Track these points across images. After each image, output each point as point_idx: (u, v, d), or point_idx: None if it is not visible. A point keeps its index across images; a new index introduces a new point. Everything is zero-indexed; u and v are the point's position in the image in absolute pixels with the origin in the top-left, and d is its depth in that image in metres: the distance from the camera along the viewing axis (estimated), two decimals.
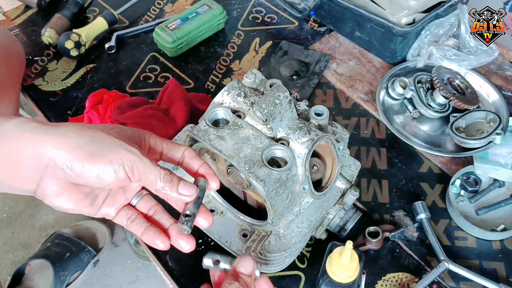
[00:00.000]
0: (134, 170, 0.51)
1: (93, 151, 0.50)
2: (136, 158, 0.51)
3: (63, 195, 0.52)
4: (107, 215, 0.57)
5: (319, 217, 0.74)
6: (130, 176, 0.52)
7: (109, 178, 0.51)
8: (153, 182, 0.53)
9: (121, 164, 0.50)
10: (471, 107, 0.94)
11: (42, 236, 1.67)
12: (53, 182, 0.51)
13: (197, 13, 1.11)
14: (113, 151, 0.51)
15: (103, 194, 0.56)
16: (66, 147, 0.49)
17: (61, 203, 0.53)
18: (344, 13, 1.09)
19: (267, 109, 0.64)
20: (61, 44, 1.05)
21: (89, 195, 0.54)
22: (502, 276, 0.79)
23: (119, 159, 0.50)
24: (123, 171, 0.51)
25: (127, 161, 0.51)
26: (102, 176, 0.50)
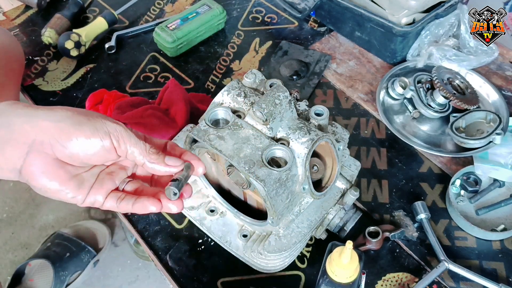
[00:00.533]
0: (120, 141, 0.52)
1: (80, 120, 0.51)
2: (122, 128, 0.53)
3: (49, 172, 0.51)
4: (96, 202, 0.56)
5: (319, 217, 0.74)
6: (116, 146, 0.52)
7: (96, 147, 0.52)
8: (139, 154, 0.54)
9: (107, 132, 0.52)
10: (471, 107, 0.94)
11: (42, 236, 1.68)
12: (39, 157, 0.51)
13: (197, 13, 1.11)
14: (99, 122, 0.52)
15: (90, 179, 0.55)
16: (54, 118, 0.51)
17: (46, 182, 0.52)
18: (344, 13, 1.09)
19: (267, 109, 0.64)
20: (61, 44, 1.05)
21: (75, 177, 0.54)
22: (502, 276, 0.79)
23: (105, 128, 0.52)
24: (109, 140, 0.52)
25: (113, 131, 0.52)
26: (89, 146, 0.51)
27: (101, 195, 0.56)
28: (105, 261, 1.62)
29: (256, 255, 0.72)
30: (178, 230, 0.83)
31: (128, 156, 0.54)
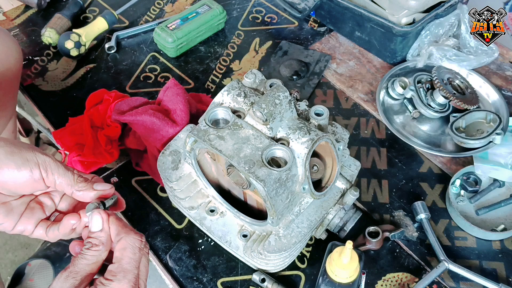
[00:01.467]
0: (48, 171, 0.55)
1: (12, 151, 0.53)
2: (50, 160, 0.55)
3: None
4: (26, 230, 0.58)
5: (319, 217, 0.74)
6: (44, 177, 0.55)
7: (25, 177, 0.54)
8: (67, 184, 0.56)
9: (36, 163, 0.54)
10: (471, 107, 0.94)
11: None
12: None
13: (197, 13, 1.11)
14: (30, 153, 0.54)
15: (20, 208, 0.57)
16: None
17: None
18: (344, 13, 1.09)
19: (267, 109, 0.64)
20: (61, 44, 1.05)
21: (3, 204, 0.56)
22: (502, 276, 0.79)
23: (35, 158, 0.54)
24: (38, 171, 0.54)
25: (42, 162, 0.54)
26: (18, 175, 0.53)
27: (31, 225, 0.58)
28: None
29: (256, 255, 0.72)
30: (178, 230, 0.83)
31: (57, 186, 0.57)
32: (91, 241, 0.54)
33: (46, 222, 0.59)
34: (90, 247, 0.54)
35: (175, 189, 0.78)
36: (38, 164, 0.54)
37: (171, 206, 0.86)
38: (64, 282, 0.50)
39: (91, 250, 0.54)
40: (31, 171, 0.54)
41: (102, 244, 0.55)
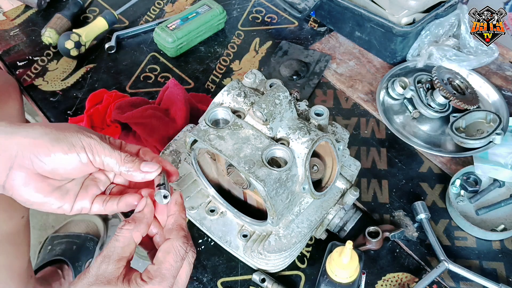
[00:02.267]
0: (95, 154, 0.55)
1: (57, 137, 0.53)
2: (95, 142, 0.55)
3: (31, 185, 0.53)
4: (83, 208, 0.58)
5: (319, 217, 0.74)
6: (92, 160, 0.55)
7: (74, 163, 0.54)
8: (115, 164, 0.56)
9: (82, 147, 0.54)
10: (471, 107, 0.94)
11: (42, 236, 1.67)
12: (21, 171, 0.53)
13: (197, 13, 1.11)
14: (75, 137, 0.54)
15: (75, 188, 0.58)
16: (33, 135, 0.53)
17: (29, 196, 0.54)
18: (344, 13, 1.09)
19: (267, 109, 0.64)
20: (61, 44, 1.05)
21: (58, 189, 0.56)
22: (502, 276, 0.79)
23: (80, 143, 0.54)
24: (85, 154, 0.54)
25: (88, 145, 0.54)
26: (67, 161, 0.53)
27: (87, 201, 0.58)
28: None
29: (256, 255, 0.72)
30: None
31: (105, 167, 0.57)
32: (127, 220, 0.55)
33: (102, 197, 0.59)
34: (123, 226, 0.54)
35: (175, 189, 0.78)
36: (84, 148, 0.54)
37: None
38: (98, 268, 0.50)
39: (123, 229, 0.53)
40: (78, 155, 0.54)
41: (134, 221, 0.54)
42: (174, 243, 0.53)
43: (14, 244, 1.03)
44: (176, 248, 0.53)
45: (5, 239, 0.98)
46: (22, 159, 0.52)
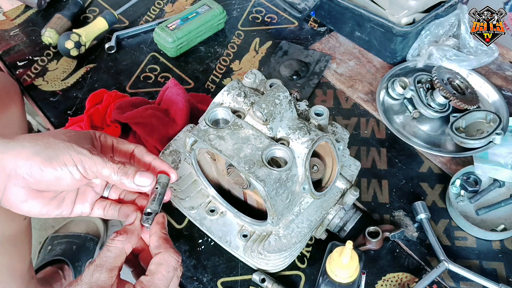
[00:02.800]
0: (87, 169, 0.55)
1: (49, 155, 0.54)
2: (86, 158, 0.55)
3: (28, 201, 0.55)
4: (83, 212, 0.60)
5: (319, 217, 0.74)
6: (85, 175, 0.56)
7: (67, 179, 0.55)
8: (108, 176, 0.57)
9: (74, 164, 0.54)
10: (471, 107, 0.94)
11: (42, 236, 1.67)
12: (16, 190, 0.54)
13: (197, 13, 1.11)
14: (66, 154, 0.55)
15: (71, 195, 0.59)
16: (25, 155, 0.53)
17: (28, 208, 0.56)
18: (344, 13, 1.09)
19: (267, 109, 0.64)
20: (61, 44, 1.05)
21: (54, 199, 0.58)
22: (502, 276, 0.79)
23: (71, 160, 0.54)
24: (77, 171, 0.55)
25: (79, 162, 0.55)
26: (60, 178, 0.54)
27: (87, 205, 0.60)
28: None
29: (256, 255, 0.72)
30: (178, 230, 0.83)
31: (100, 177, 0.57)
32: (118, 231, 0.56)
33: (103, 202, 0.61)
34: (115, 237, 0.55)
35: (175, 189, 0.78)
36: (76, 165, 0.55)
37: (171, 206, 0.86)
38: (91, 276, 0.51)
39: (115, 240, 0.54)
40: (71, 173, 0.55)
41: (126, 233, 0.55)
42: (165, 255, 0.55)
43: (15, 245, 1.03)
44: (168, 259, 0.55)
45: (7, 240, 0.98)
46: (16, 177, 0.53)
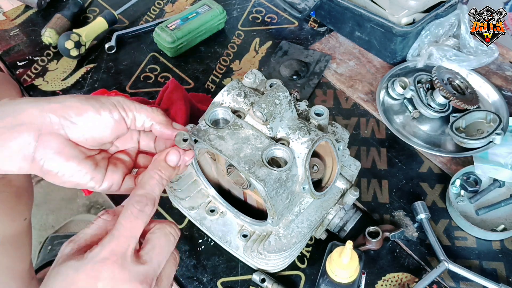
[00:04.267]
0: (125, 109, 0.53)
1: (86, 97, 0.52)
2: (124, 98, 0.54)
3: (64, 153, 0.50)
4: (114, 184, 0.55)
5: (319, 217, 0.74)
6: (124, 116, 0.53)
7: (106, 121, 0.52)
8: (147, 116, 0.55)
9: (113, 104, 0.52)
10: (471, 107, 0.94)
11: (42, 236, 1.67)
12: (51, 138, 0.50)
13: (197, 13, 1.11)
14: (103, 97, 0.53)
15: (103, 162, 0.55)
16: (60, 100, 0.51)
17: (62, 164, 0.50)
18: (344, 13, 1.09)
19: (267, 109, 0.64)
20: (61, 44, 1.05)
21: (90, 158, 0.53)
22: (502, 276, 0.79)
23: (110, 101, 0.52)
24: (117, 111, 0.52)
25: (117, 102, 0.53)
26: (99, 119, 0.51)
27: (117, 178, 0.55)
28: None
29: (256, 255, 0.72)
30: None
31: (137, 122, 0.55)
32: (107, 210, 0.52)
33: (131, 176, 0.57)
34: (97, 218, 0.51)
35: (175, 189, 0.78)
36: (115, 105, 0.52)
37: (171, 206, 0.86)
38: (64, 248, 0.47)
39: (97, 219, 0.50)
40: (110, 112, 0.52)
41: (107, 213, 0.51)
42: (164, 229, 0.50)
43: (16, 246, 1.03)
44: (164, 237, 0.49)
45: (7, 241, 0.98)
46: (50, 125, 0.49)
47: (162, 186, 0.51)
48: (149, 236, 0.49)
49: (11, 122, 0.49)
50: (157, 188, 0.50)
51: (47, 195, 1.75)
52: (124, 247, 0.45)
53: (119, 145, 0.58)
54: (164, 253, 0.48)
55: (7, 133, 0.48)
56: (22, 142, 0.49)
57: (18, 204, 0.97)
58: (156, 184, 0.50)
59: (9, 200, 0.93)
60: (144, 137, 0.60)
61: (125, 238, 0.45)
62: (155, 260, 0.47)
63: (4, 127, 0.49)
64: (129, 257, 0.45)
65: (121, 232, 0.45)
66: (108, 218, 0.50)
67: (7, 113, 0.49)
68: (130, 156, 0.59)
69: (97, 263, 0.44)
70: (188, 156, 0.55)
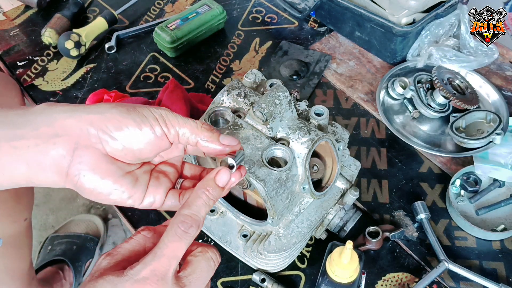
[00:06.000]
0: (168, 125, 0.49)
1: (127, 109, 0.47)
2: (167, 111, 0.49)
3: (100, 169, 0.46)
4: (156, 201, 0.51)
5: (319, 217, 0.74)
6: (166, 132, 0.49)
7: (147, 136, 0.48)
8: (191, 132, 0.50)
9: (154, 118, 0.48)
10: (471, 107, 0.94)
11: (42, 236, 1.67)
12: (88, 152, 0.46)
13: (197, 13, 1.11)
14: (145, 109, 0.48)
15: (144, 177, 0.51)
16: (98, 110, 0.47)
17: (97, 181, 0.46)
18: (344, 13, 1.09)
19: (267, 109, 0.64)
20: (61, 44, 1.05)
21: (129, 174, 0.49)
22: (502, 276, 0.79)
23: (152, 114, 0.48)
24: (159, 126, 0.48)
25: (159, 116, 0.48)
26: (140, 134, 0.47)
27: (160, 194, 0.51)
28: None
29: (256, 255, 0.72)
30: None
31: (180, 139, 0.50)
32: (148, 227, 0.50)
33: (176, 191, 0.52)
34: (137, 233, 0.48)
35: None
36: (157, 119, 0.48)
37: None
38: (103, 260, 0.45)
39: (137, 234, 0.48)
40: (152, 127, 0.48)
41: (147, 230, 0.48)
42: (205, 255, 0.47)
43: (16, 246, 1.03)
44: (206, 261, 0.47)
45: (8, 241, 0.98)
46: (88, 138, 0.46)
47: (209, 207, 0.48)
48: (190, 258, 0.46)
49: (46, 132, 0.45)
50: (204, 209, 0.47)
51: (47, 195, 1.75)
52: (166, 268, 0.43)
53: (163, 154, 0.54)
54: (203, 278, 0.46)
55: (42, 145, 0.45)
56: (57, 155, 0.45)
57: (18, 205, 0.97)
58: (203, 205, 0.47)
59: (9, 201, 0.93)
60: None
61: (167, 259, 0.43)
62: (194, 284, 0.45)
63: (38, 137, 0.45)
64: (169, 279, 0.43)
65: (164, 252, 0.44)
66: (147, 234, 0.48)
67: (42, 121, 0.46)
68: (175, 167, 0.55)
69: (137, 281, 0.42)
70: (236, 177, 0.51)
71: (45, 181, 0.46)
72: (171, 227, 0.45)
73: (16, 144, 0.44)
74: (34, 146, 0.45)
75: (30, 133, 0.45)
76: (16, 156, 0.45)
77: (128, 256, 0.46)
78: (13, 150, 0.44)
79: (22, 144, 0.45)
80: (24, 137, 0.45)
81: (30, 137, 0.45)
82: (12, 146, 0.44)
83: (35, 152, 0.45)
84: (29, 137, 0.45)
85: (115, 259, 0.46)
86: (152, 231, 0.48)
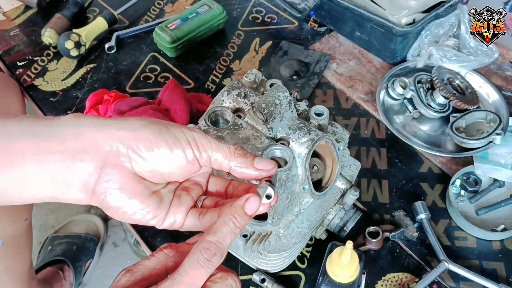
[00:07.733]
0: (201, 149, 0.47)
1: (159, 129, 0.45)
2: (200, 135, 0.47)
3: (127, 189, 0.44)
4: (176, 222, 0.49)
5: (319, 217, 0.74)
6: (197, 156, 0.47)
7: (178, 159, 0.46)
8: (224, 157, 0.48)
9: (187, 142, 0.46)
10: (471, 107, 0.94)
11: (42, 236, 1.67)
12: (116, 171, 0.44)
13: (197, 13, 1.11)
14: (178, 130, 0.46)
15: (168, 196, 0.49)
16: (130, 127, 0.44)
17: (124, 201, 0.45)
18: (344, 13, 1.09)
19: (267, 109, 0.64)
20: (61, 44, 1.05)
21: (154, 194, 0.47)
22: (502, 276, 0.79)
23: (185, 137, 0.46)
24: (191, 150, 0.46)
25: (192, 140, 0.46)
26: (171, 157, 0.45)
27: (181, 214, 0.49)
28: (105, 261, 1.62)
29: (256, 255, 0.72)
30: (177, 230, 0.83)
31: (212, 163, 0.48)
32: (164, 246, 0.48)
33: (196, 211, 0.50)
34: (159, 250, 0.47)
35: None
36: (189, 142, 0.46)
37: None
38: (122, 276, 0.44)
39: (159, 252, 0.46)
40: (184, 150, 0.45)
41: (170, 248, 0.47)
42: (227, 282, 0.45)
43: (16, 246, 1.03)
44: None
45: (8, 241, 0.98)
46: (116, 156, 0.44)
47: (235, 236, 0.45)
48: (209, 284, 0.44)
49: (73, 147, 0.43)
50: (229, 237, 0.45)
51: None
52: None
53: None
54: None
55: (69, 160, 0.43)
56: (85, 173, 0.43)
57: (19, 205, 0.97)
58: (229, 233, 0.45)
59: None
60: None
61: (186, 287, 0.42)
62: None
63: (65, 151, 0.43)
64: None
65: (183, 279, 0.42)
66: (170, 253, 0.46)
67: (69, 134, 0.44)
68: (200, 183, 0.52)
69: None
70: (265, 207, 0.48)
71: (70, 198, 0.45)
72: (194, 252, 0.43)
73: (41, 158, 0.43)
74: (61, 162, 0.43)
75: (57, 147, 0.43)
76: (41, 172, 0.43)
77: (149, 275, 0.44)
78: (38, 165, 0.43)
79: (48, 159, 0.43)
80: (50, 151, 0.43)
81: (56, 151, 0.43)
82: (37, 160, 0.43)
83: (61, 168, 0.43)
84: (55, 151, 0.43)
85: (134, 276, 0.44)
86: (174, 249, 0.46)
